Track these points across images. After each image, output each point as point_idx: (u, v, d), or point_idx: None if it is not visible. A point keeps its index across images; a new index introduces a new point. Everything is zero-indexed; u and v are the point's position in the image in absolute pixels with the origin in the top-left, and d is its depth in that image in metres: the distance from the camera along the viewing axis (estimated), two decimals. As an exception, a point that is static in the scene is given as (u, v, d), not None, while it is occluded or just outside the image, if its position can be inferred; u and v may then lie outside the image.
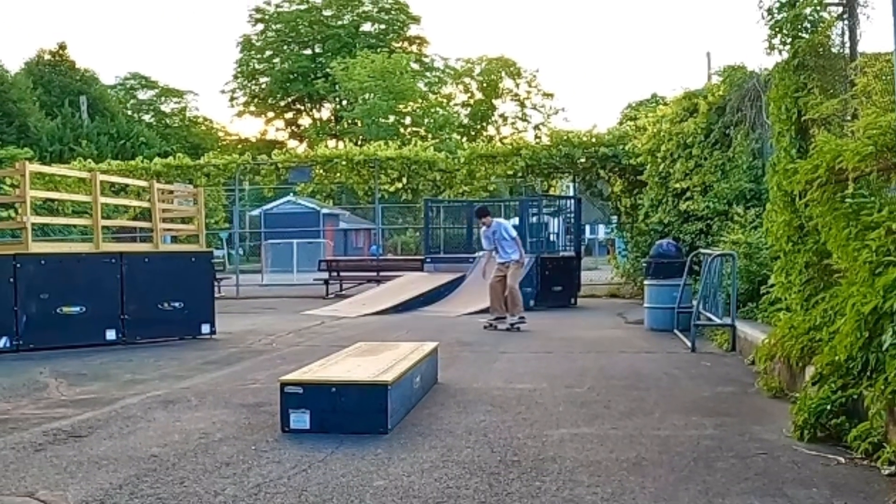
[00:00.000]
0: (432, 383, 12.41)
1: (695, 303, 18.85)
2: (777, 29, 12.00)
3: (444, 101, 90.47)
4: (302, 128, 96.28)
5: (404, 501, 7.13)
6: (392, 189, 38.09)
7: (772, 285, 14.97)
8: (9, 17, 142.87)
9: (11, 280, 17.01)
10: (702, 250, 20.94)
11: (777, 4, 11.89)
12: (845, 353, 8.89)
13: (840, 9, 11.68)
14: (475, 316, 25.31)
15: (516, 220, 35.19)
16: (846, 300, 9.12)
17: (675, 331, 19.16)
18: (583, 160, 35.45)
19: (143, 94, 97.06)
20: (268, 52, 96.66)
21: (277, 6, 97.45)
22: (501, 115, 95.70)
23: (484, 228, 24.63)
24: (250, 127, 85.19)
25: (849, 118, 10.54)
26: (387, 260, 38.63)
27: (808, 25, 11.78)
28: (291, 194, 47.95)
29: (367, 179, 37.88)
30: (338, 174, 38.52)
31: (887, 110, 9.01)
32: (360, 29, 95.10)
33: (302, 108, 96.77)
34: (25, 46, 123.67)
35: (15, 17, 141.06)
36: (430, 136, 72.66)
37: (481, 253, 33.64)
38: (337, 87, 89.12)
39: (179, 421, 10.50)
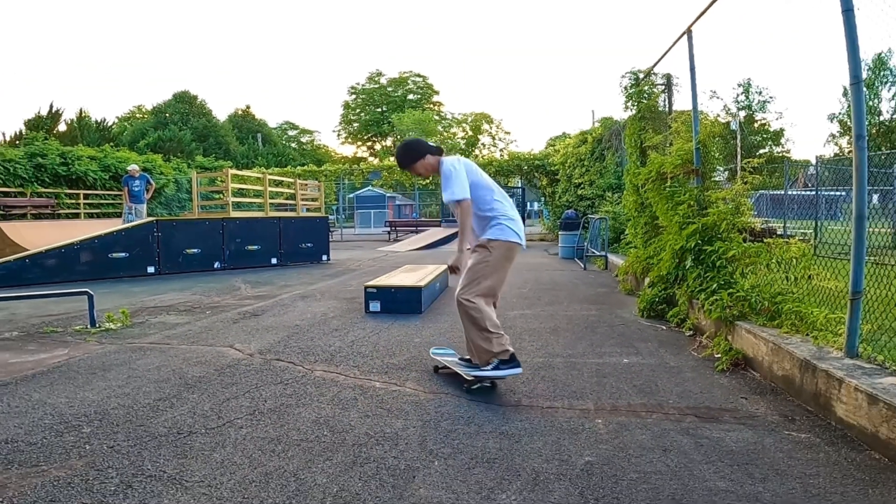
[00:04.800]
0: (445, 287, 12.32)
1: (586, 243, 18.84)
2: (629, 98, 11.93)
3: (452, 136, 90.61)
4: (376, 150, 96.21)
5: (432, 345, 7.15)
6: (424, 183, 38.05)
7: (626, 234, 14.96)
8: (221, 90, 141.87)
9: (221, 232, 16.97)
10: (590, 216, 20.81)
11: (629, 84, 11.84)
12: (665, 270, 8.94)
13: (663, 87, 11.60)
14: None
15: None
16: (666, 242, 9.13)
17: (576, 259, 19.02)
18: (526, 168, 35.52)
19: (291, 132, 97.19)
20: (357, 110, 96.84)
21: (363, 85, 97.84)
22: (482, 144, 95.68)
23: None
24: (348, 150, 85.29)
25: (668, 145, 10.46)
26: (421, 221, 38.51)
27: (646, 96, 11.70)
28: (370, 186, 47.75)
29: (411, 178, 37.83)
30: (395, 175, 38.50)
31: (687, 141, 8.94)
32: (407, 97, 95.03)
33: (376, 139, 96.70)
34: (228, 106, 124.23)
35: (224, 90, 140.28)
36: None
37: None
38: (394, 129, 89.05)
39: (310, 307, 10.49)
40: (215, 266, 17.03)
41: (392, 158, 55.58)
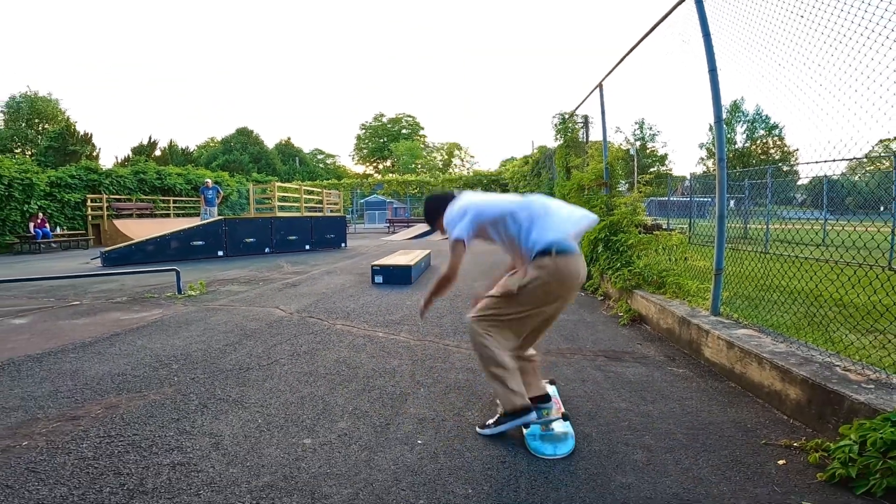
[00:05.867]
0: (428, 265, 12.27)
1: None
2: (558, 132, 11.87)
3: (433, 159, 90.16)
4: (379, 169, 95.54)
5: (419, 308, 7.14)
6: (413, 191, 38.04)
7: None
8: (270, 126, 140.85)
9: (270, 226, 16.77)
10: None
11: (558, 122, 11.79)
12: (584, 253, 8.90)
13: (582, 124, 11.58)
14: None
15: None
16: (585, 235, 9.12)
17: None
18: (485, 181, 35.44)
19: (320, 156, 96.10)
20: (366, 140, 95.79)
21: (370, 123, 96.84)
22: (455, 164, 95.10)
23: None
24: (359, 168, 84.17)
25: (585, 166, 10.44)
26: (411, 219, 38.42)
27: (570, 131, 11.67)
28: (375, 194, 47.70)
29: (405, 188, 37.73)
30: (393, 186, 38.41)
31: (599, 163, 8.91)
32: (401, 132, 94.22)
33: (379, 161, 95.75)
34: (275, 137, 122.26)
35: (272, 125, 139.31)
36: (426, 172, 72.23)
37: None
38: (392, 153, 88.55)
39: (333, 279, 10.40)
40: (266, 251, 16.80)
41: (391, 175, 55.82)
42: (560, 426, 3.21)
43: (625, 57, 7.08)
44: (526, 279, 3.08)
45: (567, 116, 11.89)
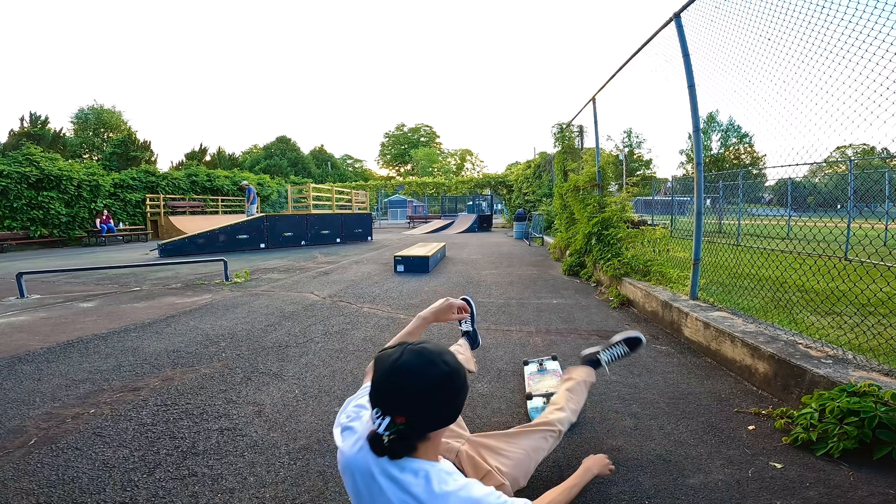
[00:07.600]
0: (444, 256, 12.26)
1: (530, 229, 18.71)
2: (556, 140, 11.80)
3: (447, 164, 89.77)
4: (401, 172, 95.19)
5: (435, 293, 7.10)
6: (430, 192, 37.90)
7: (555, 224, 14.83)
8: (306, 134, 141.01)
9: (305, 222, 16.81)
10: (532, 212, 20.67)
11: (556, 131, 11.73)
12: (579, 245, 8.82)
13: (577, 133, 11.51)
14: (458, 234, 24.86)
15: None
16: (579, 229, 9.04)
17: (524, 239, 18.87)
18: (493, 183, 35.16)
19: (349, 161, 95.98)
20: (389, 147, 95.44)
21: (393, 132, 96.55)
22: (466, 168, 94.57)
23: None
24: (384, 172, 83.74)
25: (581, 169, 10.38)
26: (428, 215, 38.30)
27: (567, 139, 11.59)
28: (397, 194, 47.62)
29: (423, 189, 37.58)
30: (413, 187, 38.28)
31: (592, 167, 8.86)
32: (420, 139, 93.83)
33: (400, 166, 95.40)
34: (310, 144, 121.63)
35: (308, 133, 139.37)
36: (442, 174, 72.00)
37: (461, 214, 33.08)
38: (412, 159, 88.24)
39: (360, 268, 10.40)
40: (302, 243, 16.83)
41: (411, 177, 55.63)
42: None
43: (615, 73, 7.02)
44: None
45: (564, 126, 11.82)
